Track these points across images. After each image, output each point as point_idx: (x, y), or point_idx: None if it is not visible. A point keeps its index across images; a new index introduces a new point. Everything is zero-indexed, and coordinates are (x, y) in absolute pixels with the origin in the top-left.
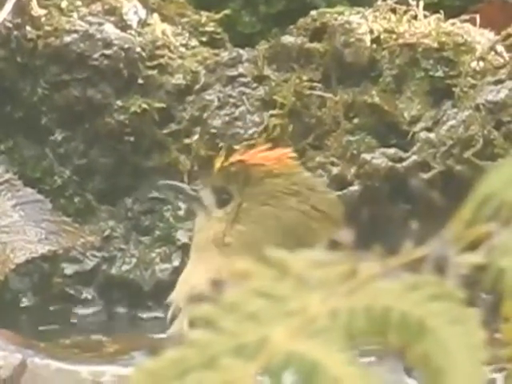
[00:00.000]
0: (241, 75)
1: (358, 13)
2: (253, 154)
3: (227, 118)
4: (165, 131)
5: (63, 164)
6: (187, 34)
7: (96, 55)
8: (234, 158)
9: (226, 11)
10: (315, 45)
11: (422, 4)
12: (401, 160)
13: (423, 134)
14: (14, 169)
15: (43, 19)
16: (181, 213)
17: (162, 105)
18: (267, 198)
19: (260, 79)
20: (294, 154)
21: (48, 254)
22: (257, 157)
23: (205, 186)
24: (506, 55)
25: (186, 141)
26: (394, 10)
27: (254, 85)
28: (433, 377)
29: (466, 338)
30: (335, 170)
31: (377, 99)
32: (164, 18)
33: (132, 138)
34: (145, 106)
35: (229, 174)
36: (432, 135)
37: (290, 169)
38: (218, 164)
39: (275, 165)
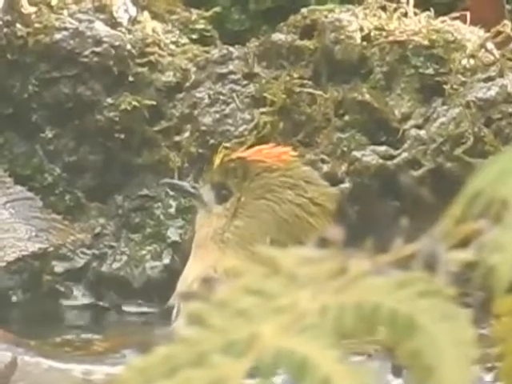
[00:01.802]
0: (231, 72)
1: (348, 10)
2: (253, 152)
3: (217, 116)
4: (155, 128)
5: (53, 161)
6: (177, 32)
7: (86, 52)
8: (234, 154)
9: (216, 9)
10: (305, 42)
11: (412, 1)
12: (391, 157)
13: (413, 132)
14: (4, 166)
15: (33, 16)
16: (171, 210)
17: (152, 102)
18: (263, 191)
19: (250, 77)
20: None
21: (38, 251)
22: (257, 154)
23: (205, 182)
24: (496, 53)
25: (176, 138)
26: (384, 8)
27: (244, 82)
28: (422, 374)
29: (456, 335)
30: (325, 168)
31: (367, 96)
32: (154, 16)
33: (122, 136)
34: (135, 103)
35: (228, 170)
36: (422, 132)
37: (287, 164)
38: (217, 160)
39: (274, 161)
